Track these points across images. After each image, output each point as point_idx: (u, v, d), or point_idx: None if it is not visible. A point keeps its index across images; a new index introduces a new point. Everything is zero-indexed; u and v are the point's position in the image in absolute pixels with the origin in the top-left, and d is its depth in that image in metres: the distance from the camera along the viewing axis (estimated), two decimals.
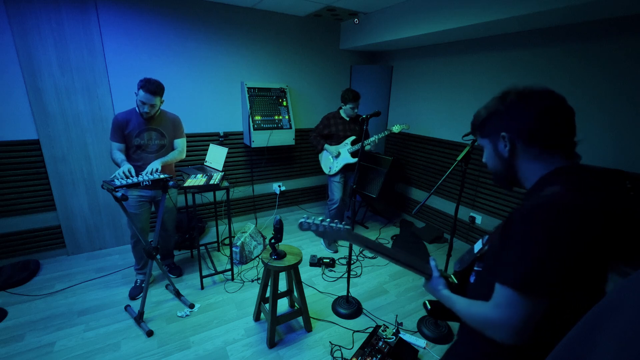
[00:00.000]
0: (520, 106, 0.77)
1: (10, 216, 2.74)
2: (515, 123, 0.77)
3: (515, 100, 0.77)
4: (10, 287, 2.51)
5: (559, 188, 0.71)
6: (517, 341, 0.70)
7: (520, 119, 0.77)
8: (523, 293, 0.67)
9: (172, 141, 2.48)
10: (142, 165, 2.31)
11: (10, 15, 2.43)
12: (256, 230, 3.31)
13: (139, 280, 2.57)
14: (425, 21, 2.79)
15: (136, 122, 2.29)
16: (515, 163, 0.81)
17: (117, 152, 2.27)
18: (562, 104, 0.75)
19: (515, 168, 0.82)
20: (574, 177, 0.74)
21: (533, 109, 0.75)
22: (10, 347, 1.97)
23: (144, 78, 2.20)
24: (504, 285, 0.70)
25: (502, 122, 0.79)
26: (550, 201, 0.68)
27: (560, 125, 0.75)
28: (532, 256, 0.67)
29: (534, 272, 0.66)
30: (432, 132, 3.63)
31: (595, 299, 0.72)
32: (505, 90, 0.81)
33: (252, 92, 3.46)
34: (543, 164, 0.77)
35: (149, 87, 2.17)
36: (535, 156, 0.78)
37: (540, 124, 0.75)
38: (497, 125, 0.81)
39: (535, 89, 0.77)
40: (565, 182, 0.72)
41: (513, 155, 0.80)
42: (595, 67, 2.27)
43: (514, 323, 0.68)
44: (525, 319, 0.68)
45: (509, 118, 0.78)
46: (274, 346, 2.06)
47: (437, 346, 2.10)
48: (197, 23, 3.14)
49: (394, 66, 4.05)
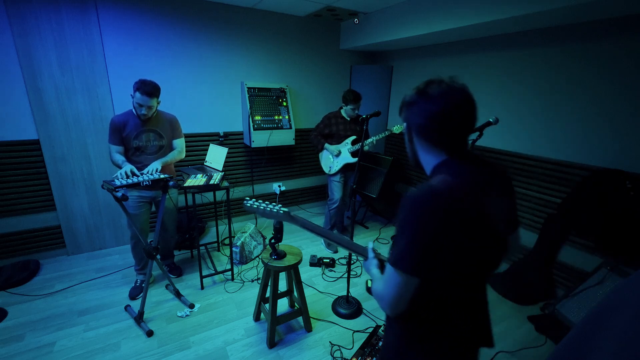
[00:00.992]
0: (418, 103, 0.82)
1: (10, 216, 2.74)
2: (412, 117, 0.84)
3: (416, 97, 0.82)
4: (10, 287, 2.51)
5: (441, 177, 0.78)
6: (391, 313, 0.81)
7: (416, 115, 0.83)
8: (397, 270, 0.76)
9: (171, 141, 2.48)
10: (142, 167, 2.31)
11: (10, 15, 2.43)
12: (256, 230, 3.31)
13: (139, 280, 2.57)
14: (425, 21, 2.79)
15: (133, 123, 2.28)
16: (416, 151, 0.89)
17: (117, 155, 2.27)
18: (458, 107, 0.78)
19: (417, 155, 0.90)
20: (455, 168, 0.80)
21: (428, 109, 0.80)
22: (10, 347, 1.97)
23: (139, 80, 2.18)
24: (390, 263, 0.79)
25: (408, 112, 0.85)
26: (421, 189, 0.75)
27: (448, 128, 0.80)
28: (404, 239, 0.75)
29: (403, 252, 0.75)
30: None
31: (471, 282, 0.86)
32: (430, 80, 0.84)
33: (252, 92, 3.46)
34: (434, 156, 0.85)
35: (145, 89, 2.15)
36: (427, 149, 0.85)
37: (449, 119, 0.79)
38: (406, 114, 0.86)
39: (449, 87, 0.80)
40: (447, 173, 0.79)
41: (412, 144, 0.88)
42: (594, 67, 2.27)
43: (389, 297, 0.79)
44: (399, 294, 0.77)
45: (411, 111, 0.84)
46: (274, 346, 2.06)
47: None
48: (197, 23, 3.14)
49: (394, 66, 4.05)
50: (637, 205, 2.05)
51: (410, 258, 0.74)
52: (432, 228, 0.72)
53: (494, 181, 0.84)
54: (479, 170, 0.83)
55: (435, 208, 0.72)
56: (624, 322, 0.40)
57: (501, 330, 2.25)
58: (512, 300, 2.57)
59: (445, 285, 0.80)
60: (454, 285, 0.81)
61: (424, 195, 0.74)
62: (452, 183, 0.75)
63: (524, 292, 2.57)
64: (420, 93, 0.81)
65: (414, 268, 0.74)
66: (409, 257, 0.74)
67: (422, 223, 0.73)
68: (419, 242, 0.73)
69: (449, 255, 0.74)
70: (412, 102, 0.83)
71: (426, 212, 0.72)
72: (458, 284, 0.81)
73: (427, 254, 0.73)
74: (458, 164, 0.81)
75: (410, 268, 0.74)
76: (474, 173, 0.81)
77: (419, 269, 0.74)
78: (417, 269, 0.74)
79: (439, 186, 0.75)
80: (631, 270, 2.08)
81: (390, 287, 0.78)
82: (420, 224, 0.73)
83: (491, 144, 2.99)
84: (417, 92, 0.82)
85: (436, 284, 0.79)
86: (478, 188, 0.79)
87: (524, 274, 2.66)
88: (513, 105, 2.80)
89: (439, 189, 0.74)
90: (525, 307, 2.50)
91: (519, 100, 2.76)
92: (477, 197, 0.77)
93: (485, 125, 1.89)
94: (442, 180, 0.76)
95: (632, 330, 0.38)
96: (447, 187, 0.74)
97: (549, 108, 2.56)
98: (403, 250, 0.75)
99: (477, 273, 0.85)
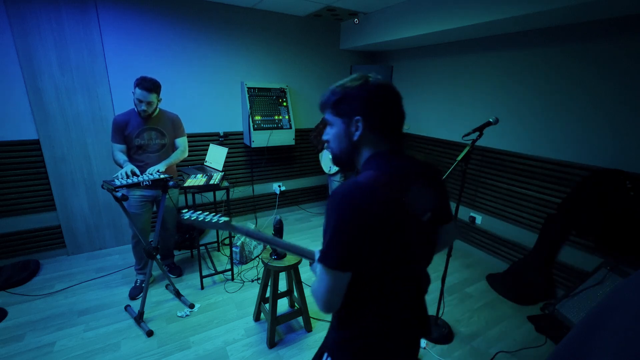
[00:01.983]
0: (378, 95, 0.80)
1: (10, 216, 2.74)
2: (370, 110, 0.81)
3: (374, 89, 0.80)
4: (10, 287, 2.51)
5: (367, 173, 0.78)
6: (327, 310, 0.81)
7: (377, 108, 0.81)
8: (325, 268, 0.76)
9: (173, 140, 2.49)
10: (144, 166, 2.32)
11: (11, 15, 2.43)
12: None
13: (139, 280, 2.57)
14: (425, 21, 2.79)
15: (135, 122, 2.30)
16: (359, 147, 0.84)
17: (119, 154, 2.28)
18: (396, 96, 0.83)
19: (357, 151, 0.85)
20: (386, 161, 0.81)
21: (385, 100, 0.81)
22: (10, 347, 1.97)
23: (140, 76, 2.21)
24: (317, 261, 0.79)
25: (359, 106, 0.81)
26: (346, 185, 0.75)
27: (395, 115, 0.83)
28: (328, 235, 0.75)
29: (328, 248, 0.75)
30: (432, 132, 3.63)
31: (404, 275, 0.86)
32: (363, 75, 0.83)
33: (252, 92, 3.46)
34: (370, 148, 0.84)
35: (145, 85, 2.17)
36: (373, 142, 0.83)
37: (391, 115, 0.82)
38: (352, 108, 0.81)
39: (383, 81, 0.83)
40: (376, 166, 0.80)
41: (360, 140, 0.83)
42: (594, 67, 2.27)
43: (321, 295, 0.79)
44: (330, 290, 0.77)
45: (368, 105, 0.80)
46: (274, 346, 2.06)
47: (437, 346, 2.10)
48: (197, 23, 3.14)
49: (394, 66, 4.05)
50: (637, 205, 2.05)
51: (335, 254, 0.74)
52: (355, 223, 0.72)
53: (422, 174, 0.85)
54: (409, 164, 0.84)
55: (357, 203, 0.72)
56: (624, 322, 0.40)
57: (501, 330, 2.25)
58: (512, 300, 2.57)
59: (377, 279, 0.80)
60: (386, 277, 0.81)
61: (347, 191, 0.74)
62: (377, 177, 0.75)
63: (524, 292, 2.57)
64: (368, 85, 0.80)
65: (339, 263, 0.74)
66: (333, 253, 0.74)
67: (344, 218, 0.73)
68: (342, 237, 0.73)
69: (375, 248, 0.74)
70: (361, 95, 0.80)
71: (348, 207, 0.72)
72: (390, 276, 0.81)
73: (351, 249, 0.73)
74: (390, 157, 0.82)
75: (335, 263, 0.74)
76: (403, 166, 0.82)
77: (345, 263, 0.74)
78: (343, 264, 0.74)
79: (363, 181, 0.75)
80: (631, 270, 2.08)
81: (321, 285, 0.78)
82: (342, 219, 0.73)
83: (491, 144, 2.99)
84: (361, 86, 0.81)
85: (368, 278, 0.79)
86: (405, 181, 0.79)
87: (524, 274, 2.66)
88: (513, 105, 2.80)
89: (363, 183, 0.74)
90: (525, 307, 2.50)
91: (519, 100, 2.76)
92: (402, 190, 0.77)
93: (485, 125, 1.89)
94: (367, 175, 0.76)
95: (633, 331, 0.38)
96: (371, 182, 0.74)
97: (549, 108, 2.56)
98: (328, 247, 0.75)
99: (408, 266, 0.85)
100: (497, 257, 3.09)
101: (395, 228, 0.76)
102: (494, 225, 3.09)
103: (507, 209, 2.95)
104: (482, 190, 3.16)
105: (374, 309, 0.83)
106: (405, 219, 0.77)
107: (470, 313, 2.43)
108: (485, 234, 3.18)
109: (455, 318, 2.36)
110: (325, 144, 0.91)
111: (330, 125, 0.88)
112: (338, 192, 0.75)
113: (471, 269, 3.04)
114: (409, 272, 0.87)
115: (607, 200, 2.14)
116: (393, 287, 0.83)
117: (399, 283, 0.84)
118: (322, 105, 0.88)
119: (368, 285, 0.80)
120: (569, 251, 2.52)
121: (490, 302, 2.56)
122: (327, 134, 0.90)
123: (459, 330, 2.24)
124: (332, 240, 0.75)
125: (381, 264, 0.78)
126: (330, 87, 0.86)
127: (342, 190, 0.74)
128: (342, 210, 0.73)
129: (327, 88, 0.87)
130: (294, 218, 4.07)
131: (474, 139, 1.88)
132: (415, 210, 0.80)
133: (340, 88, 0.83)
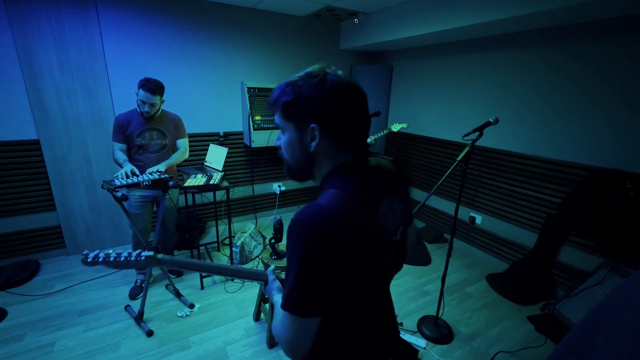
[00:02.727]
0: (337, 98, 0.66)
1: (10, 216, 2.74)
2: (327, 116, 0.67)
3: (332, 90, 0.66)
4: (10, 287, 2.51)
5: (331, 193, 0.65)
6: (293, 357, 0.68)
7: (335, 114, 0.67)
8: (291, 314, 0.63)
9: (174, 141, 2.49)
10: (144, 166, 2.32)
11: (11, 15, 2.43)
12: (256, 230, 3.31)
13: (139, 280, 2.57)
14: (425, 21, 2.79)
15: (137, 122, 2.30)
16: (317, 157, 0.71)
17: (119, 153, 2.28)
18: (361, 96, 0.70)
19: (314, 162, 0.72)
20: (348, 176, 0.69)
21: (348, 104, 0.68)
22: (10, 347, 1.97)
23: (144, 77, 2.21)
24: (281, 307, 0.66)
25: (315, 111, 0.67)
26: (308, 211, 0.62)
27: (358, 121, 0.70)
28: (294, 274, 0.61)
29: (292, 292, 0.62)
30: (432, 132, 3.63)
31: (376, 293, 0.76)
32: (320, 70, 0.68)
33: (252, 92, 3.46)
34: (334, 161, 0.71)
35: (149, 86, 2.18)
36: (333, 153, 0.70)
37: (352, 121, 0.69)
38: (307, 113, 0.68)
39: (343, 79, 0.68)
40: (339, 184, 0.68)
41: (317, 150, 0.70)
42: (594, 67, 2.27)
43: (287, 342, 0.66)
44: (297, 338, 0.65)
45: (324, 110, 0.66)
46: (274, 346, 2.05)
47: (437, 346, 2.10)
48: (197, 23, 3.14)
49: (394, 66, 4.05)
50: (637, 205, 2.05)
51: (302, 299, 0.62)
52: (324, 257, 0.60)
53: (390, 186, 0.75)
54: (375, 176, 0.73)
55: (324, 232, 0.59)
56: (624, 323, 0.40)
57: (501, 330, 2.26)
58: (512, 300, 2.57)
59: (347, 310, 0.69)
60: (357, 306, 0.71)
61: (311, 218, 0.61)
62: (343, 198, 0.64)
63: (524, 292, 2.57)
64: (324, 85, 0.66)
65: (307, 309, 0.62)
66: (299, 298, 0.62)
67: (311, 254, 0.60)
68: (310, 277, 0.61)
69: (348, 281, 0.63)
70: (315, 97, 0.66)
71: (314, 238, 0.59)
72: (363, 300, 0.71)
73: (320, 290, 0.62)
74: (354, 170, 0.71)
75: (303, 310, 0.62)
76: (369, 181, 0.71)
77: (314, 308, 0.63)
78: (312, 310, 0.63)
79: (327, 205, 0.62)
80: (631, 270, 2.08)
81: (287, 332, 0.65)
82: (310, 255, 0.60)
83: (491, 144, 2.99)
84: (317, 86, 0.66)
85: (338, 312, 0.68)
86: (373, 199, 0.70)
87: (524, 274, 2.67)
88: (513, 105, 2.80)
89: (327, 208, 0.61)
90: (525, 307, 2.50)
91: (519, 100, 2.76)
92: (371, 209, 0.69)
93: (485, 125, 1.89)
94: (331, 196, 0.64)
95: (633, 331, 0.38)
96: (336, 204, 0.62)
97: (549, 108, 2.56)
98: (292, 290, 0.62)
99: (380, 282, 0.77)
100: (497, 257, 3.09)
101: (368, 253, 0.66)
102: (494, 225, 3.09)
103: (507, 209, 2.96)
104: (482, 190, 3.16)
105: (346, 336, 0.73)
106: (376, 242, 0.68)
107: (470, 313, 2.43)
108: (485, 234, 3.18)
109: (455, 318, 2.36)
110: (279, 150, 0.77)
111: (282, 130, 0.74)
112: (300, 219, 0.61)
113: (471, 269, 3.04)
114: (380, 288, 0.79)
115: (607, 200, 2.14)
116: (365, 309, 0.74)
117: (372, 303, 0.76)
118: (270, 105, 0.73)
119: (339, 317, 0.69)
120: (569, 251, 2.52)
121: (490, 302, 2.56)
122: (279, 139, 0.76)
123: (459, 330, 2.24)
124: (297, 282, 0.61)
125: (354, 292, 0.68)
126: (280, 84, 0.71)
127: (305, 217, 0.61)
128: (308, 244, 0.60)
129: (277, 84, 0.72)
130: None
131: (474, 139, 1.88)
132: (387, 229, 0.73)
133: (292, 87, 0.68)
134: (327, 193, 0.66)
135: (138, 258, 0.91)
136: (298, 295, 0.62)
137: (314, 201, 0.65)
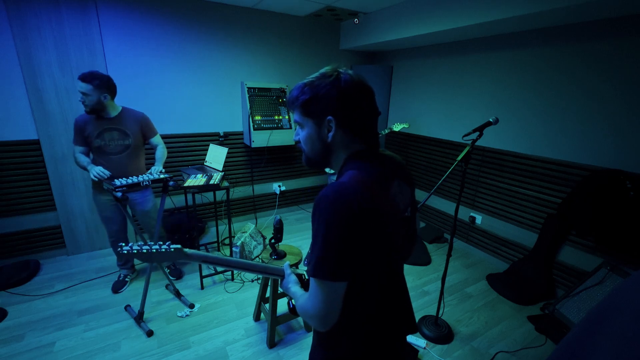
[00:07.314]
0: (350, 93, 0.76)
1: (10, 216, 2.74)
2: (343, 110, 0.77)
3: (345, 87, 0.76)
4: (10, 287, 2.51)
5: (350, 174, 0.75)
6: (325, 326, 0.74)
7: (349, 107, 0.77)
8: (318, 280, 0.71)
9: (140, 141, 2.37)
10: (107, 169, 2.13)
11: (11, 15, 2.43)
12: (256, 230, 3.31)
13: (122, 274, 2.62)
14: (425, 21, 2.79)
15: (94, 122, 2.20)
16: (333, 147, 0.82)
17: (81, 155, 2.21)
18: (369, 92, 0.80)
19: (331, 152, 0.83)
20: (364, 161, 0.79)
21: (358, 97, 0.77)
22: (10, 347, 1.97)
23: None
24: (309, 275, 0.73)
25: (331, 106, 0.77)
26: (332, 188, 0.71)
27: (369, 113, 0.80)
28: (320, 244, 0.70)
29: (321, 259, 0.70)
30: (432, 132, 3.63)
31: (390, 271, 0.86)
32: (333, 71, 0.78)
33: (252, 92, 3.46)
34: (349, 149, 0.82)
35: (81, 75, 2.06)
36: (348, 143, 0.81)
37: (364, 113, 0.79)
38: (325, 108, 0.77)
39: (355, 77, 0.78)
40: (357, 166, 0.77)
41: (334, 140, 0.80)
42: (594, 67, 2.27)
43: (317, 310, 0.73)
44: (328, 304, 0.72)
45: (339, 104, 0.76)
46: (274, 346, 2.06)
47: (437, 346, 2.10)
48: (198, 23, 3.14)
49: (394, 66, 4.05)
50: (637, 205, 2.05)
51: (330, 263, 0.69)
52: (346, 227, 0.68)
53: (399, 171, 0.85)
54: (386, 162, 0.83)
55: (346, 205, 0.68)
56: (624, 323, 0.40)
57: (501, 330, 2.26)
58: (512, 300, 2.57)
59: (368, 279, 0.77)
60: (376, 277, 0.79)
61: (333, 194, 0.70)
62: (361, 177, 0.73)
63: (524, 292, 2.57)
64: (340, 83, 0.76)
65: (335, 273, 0.70)
66: (327, 263, 0.70)
67: (335, 224, 0.68)
68: (335, 245, 0.69)
69: (368, 250, 0.72)
70: (332, 95, 0.76)
71: (337, 211, 0.68)
72: (380, 275, 0.80)
73: (346, 256, 0.70)
74: (368, 155, 0.80)
75: (332, 274, 0.70)
76: (381, 165, 0.80)
77: (341, 272, 0.70)
78: (339, 273, 0.70)
79: (348, 182, 0.72)
80: (631, 270, 2.08)
81: (318, 301, 0.72)
82: (334, 225, 0.68)
83: (491, 144, 2.99)
84: (333, 84, 0.76)
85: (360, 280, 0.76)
86: (386, 179, 0.79)
87: (524, 274, 2.67)
88: (513, 105, 2.80)
89: (348, 184, 0.71)
90: (525, 307, 2.50)
91: (518, 100, 2.76)
92: (386, 188, 0.77)
93: (485, 125, 1.89)
94: (351, 176, 0.74)
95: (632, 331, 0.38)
96: (356, 182, 0.72)
97: (549, 108, 2.56)
98: (320, 257, 0.70)
99: (394, 262, 0.85)
100: (497, 257, 3.09)
101: (384, 226, 0.75)
102: (494, 225, 3.09)
103: (507, 209, 2.96)
104: (482, 190, 3.16)
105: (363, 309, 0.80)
106: (390, 216, 0.77)
107: (470, 313, 2.43)
108: (485, 234, 3.18)
109: (455, 318, 2.36)
110: (297, 144, 0.87)
111: (301, 126, 0.84)
112: (324, 195, 0.71)
113: (471, 269, 3.05)
114: (395, 268, 0.87)
115: (607, 200, 2.14)
116: (382, 285, 0.82)
117: (387, 280, 0.84)
118: (289, 105, 0.84)
119: (359, 287, 0.77)
120: (569, 251, 2.52)
121: (490, 302, 2.56)
122: (297, 135, 0.86)
123: (459, 330, 2.25)
124: (324, 250, 0.69)
125: (372, 264, 0.76)
126: (298, 85, 0.81)
127: (328, 194, 0.70)
128: (332, 215, 0.69)
129: (295, 85, 0.82)
130: (294, 218, 4.07)
131: (474, 139, 1.88)
132: (398, 207, 0.80)
133: (309, 87, 0.78)
134: (346, 174, 0.76)
135: (168, 249, 0.96)
136: (326, 261, 0.70)
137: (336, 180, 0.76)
